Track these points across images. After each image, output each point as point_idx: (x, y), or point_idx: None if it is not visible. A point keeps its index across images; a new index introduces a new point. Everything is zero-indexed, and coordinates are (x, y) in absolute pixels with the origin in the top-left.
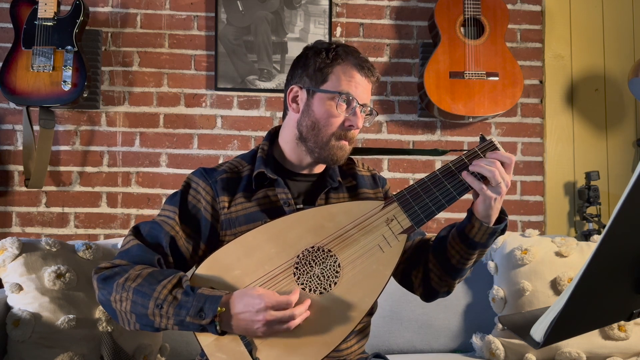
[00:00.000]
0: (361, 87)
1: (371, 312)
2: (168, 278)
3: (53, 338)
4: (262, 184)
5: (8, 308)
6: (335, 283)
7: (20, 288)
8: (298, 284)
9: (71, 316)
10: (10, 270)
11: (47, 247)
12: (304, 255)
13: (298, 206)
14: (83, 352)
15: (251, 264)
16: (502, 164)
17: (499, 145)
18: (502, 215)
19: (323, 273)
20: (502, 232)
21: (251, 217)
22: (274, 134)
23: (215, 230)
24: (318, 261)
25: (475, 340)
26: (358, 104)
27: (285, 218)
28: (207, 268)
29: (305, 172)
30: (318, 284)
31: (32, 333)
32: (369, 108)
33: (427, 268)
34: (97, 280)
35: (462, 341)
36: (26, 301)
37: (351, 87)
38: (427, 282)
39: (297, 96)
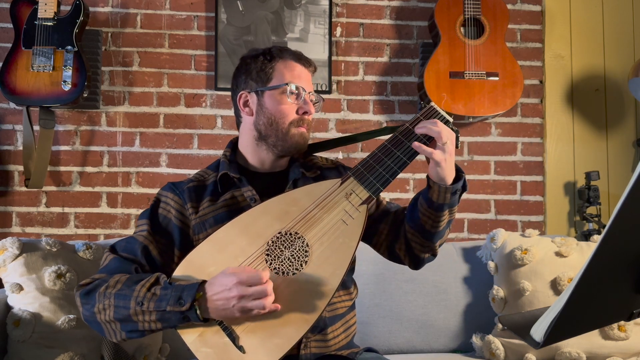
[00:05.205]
0: (304, 76)
1: (346, 286)
2: (146, 278)
3: (53, 338)
4: (227, 186)
5: (8, 308)
6: (306, 262)
7: (20, 288)
8: (271, 269)
9: (71, 316)
10: (11, 270)
11: (47, 247)
12: (273, 242)
13: None
14: (83, 352)
15: (225, 258)
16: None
17: (438, 109)
18: (460, 173)
19: (293, 255)
20: (464, 188)
21: (220, 218)
22: (235, 143)
23: (188, 236)
24: (287, 245)
25: (475, 340)
26: (305, 91)
27: (252, 210)
28: (183, 270)
29: (268, 171)
30: (290, 266)
31: (32, 333)
32: (315, 95)
33: (407, 238)
34: (80, 297)
35: (462, 341)
36: (26, 301)
37: (295, 78)
38: (411, 251)
39: (248, 100)
